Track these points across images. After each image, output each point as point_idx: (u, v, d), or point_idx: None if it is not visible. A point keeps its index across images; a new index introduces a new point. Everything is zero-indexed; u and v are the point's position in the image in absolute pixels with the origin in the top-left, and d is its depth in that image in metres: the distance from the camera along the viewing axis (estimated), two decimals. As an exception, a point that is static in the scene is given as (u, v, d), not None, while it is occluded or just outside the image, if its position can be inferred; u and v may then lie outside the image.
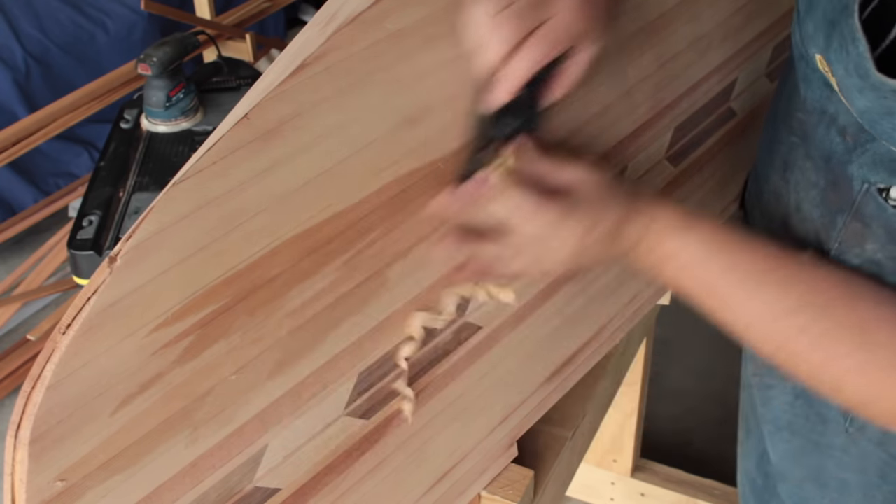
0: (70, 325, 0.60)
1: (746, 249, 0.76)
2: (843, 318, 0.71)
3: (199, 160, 0.65)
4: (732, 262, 0.75)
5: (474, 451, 0.93)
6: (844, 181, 0.76)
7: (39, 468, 0.61)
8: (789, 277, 0.74)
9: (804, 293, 0.73)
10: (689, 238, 0.77)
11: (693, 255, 0.76)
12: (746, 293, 0.75)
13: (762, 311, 0.74)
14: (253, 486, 0.74)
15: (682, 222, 0.77)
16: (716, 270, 0.76)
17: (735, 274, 0.75)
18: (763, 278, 0.74)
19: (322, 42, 0.69)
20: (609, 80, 0.90)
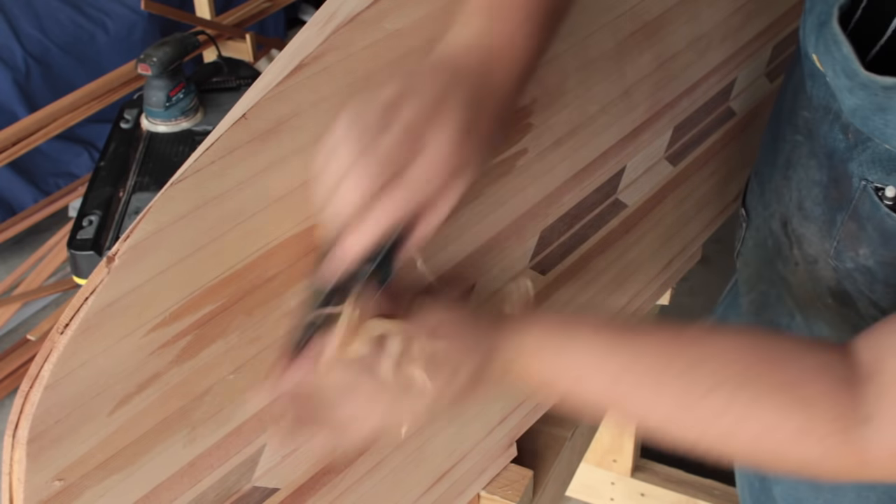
0: (68, 324, 0.60)
1: (635, 347, 0.68)
2: (764, 384, 0.64)
3: (196, 160, 0.65)
4: (624, 365, 0.67)
5: (473, 450, 0.93)
6: (845, 179, 0.76)
7: (37, 468, 0.61)
8: (693, 360, 0.66)
9: (714, 371, 0.65)
10: (568, 355, 0.68)
11: (578, 370, 0.68)
12: (650, 392, 0.67)
13: (673, 405, 0.66)
14: (251, 486, 0.74)
15: (557, 340, 0.69)
16: (608, 379, 0.68)
17: (631, 376, 0.67)
18: (665, 371, 0.66)
19: (320, 42, 0.69)
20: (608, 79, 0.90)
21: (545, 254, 0.92)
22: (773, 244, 0.92)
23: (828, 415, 0.62)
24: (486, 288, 0.87)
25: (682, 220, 1.11)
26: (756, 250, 0.98)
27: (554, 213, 0.90)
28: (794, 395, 0.63)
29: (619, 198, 0.98)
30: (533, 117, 0.84)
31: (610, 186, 0.96)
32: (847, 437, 0.61)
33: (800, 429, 0.62)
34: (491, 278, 0.87)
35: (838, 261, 0.79)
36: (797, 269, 0.89)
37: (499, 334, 0.69)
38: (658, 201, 1.03)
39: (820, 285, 0.86)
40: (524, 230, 0.88)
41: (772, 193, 0.89)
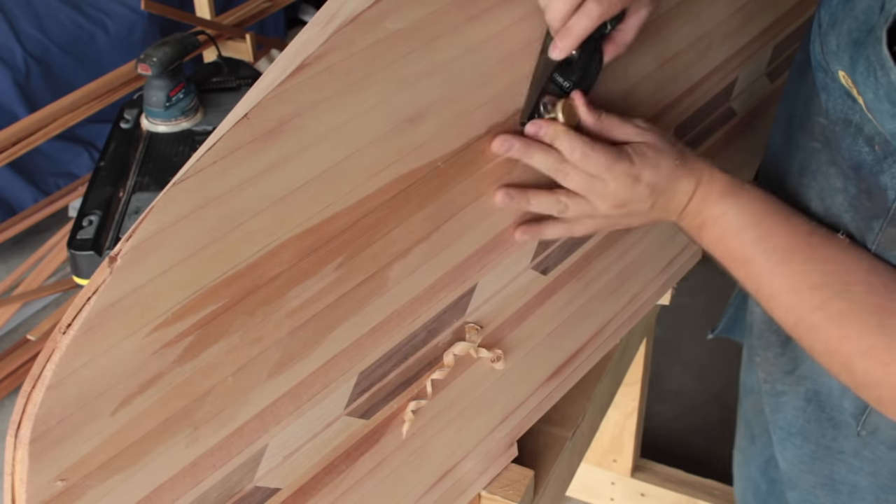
0: (70, 324, 0.60)
1: (781, 223, 0.78)
2: (861, 301, 0.73)
3: (199, 160, 0.65)
4: (765, 233, 0.78)
5: (474, 450, 0.93)
6: (878, 190, 0.76)
7: (40, 468, 0.61)
8: (816, 255, 0.76)
9: (829, 272, 0.75)
10: (729, 205, 0.79)
11: (730, 223, 0.79)
12: (774, 264, 0.77)
13: (786, 283, 0.76)
14: (253, 486, 0.74)
15: (727, 189, 0.80)
16: (748, 239, 0.78)
17: (765, 244, 0.78)
18: (791, 252, 0.76)
19: (322, 42, 0.69)
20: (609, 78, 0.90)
21: (546, 253, 0.92)
22: None
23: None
24: (488, 288, 0.87)
25: (682, 220, 1.11)
26: None
27: (555, 213, 0.90)
28: (879, 319, 0.71)
29: (620, 198, 0.98)
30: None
31: (611, 186, 0.96)
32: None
33: (871, 348, 0.71)
34: (493, 277, 0.87)
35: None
36: None
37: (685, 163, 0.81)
38: (659, 201, 1.03)
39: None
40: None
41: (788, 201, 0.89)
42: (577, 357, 1.02)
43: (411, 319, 0.81)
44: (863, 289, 0.74)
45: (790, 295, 0.76)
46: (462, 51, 0.77)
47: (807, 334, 0.77)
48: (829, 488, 0.92)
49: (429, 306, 0.82)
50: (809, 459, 0.93)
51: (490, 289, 0.87)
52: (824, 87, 0.79)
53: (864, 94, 0.73)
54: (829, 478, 0.92)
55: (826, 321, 0.74)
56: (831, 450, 0.90)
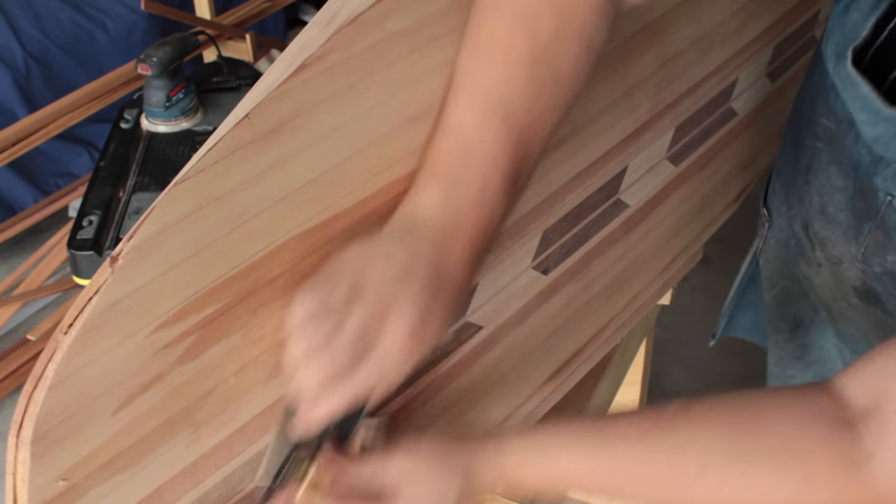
0: (72, 324, 0.60)
1: (615, 447, 0.68)
2: (754, 450, 0.64)
3: (200, 160, 0.65)
4: (612, 467, 0.68)
5: (475, 450, 0.93)
6: (870, 191, 0.76)
7: (41, 468, 0.61)
8: (676, 445, 0.67)
9: (699, 451, 0.65)
10: (554, 470, 0.69)
11: (572, 477, 0.69)
12: (645, 485, 0.68)
13: (670, 492, 0.67)
14: (255, 486, 0.74)
15: (538, 456, 0.69)
16: (602, 480, 0.69)
17: (621, 476, 0.68)
18: (651, 463, 0.67)
19: (323, 42, 0.69)
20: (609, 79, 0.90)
21: (547, 253, 0.92)
22: (796, 245, 0.92)
23: (828, 460, 0.62)
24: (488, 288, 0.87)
25: (683, 219, 1.11)
26: (778, 249, 0.98)
27: (556, 212, 0.90)
28: (788, 452, 0.63)
29: (621, 198, 0.98)
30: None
31: (612, 186, 0.96)
32: (853, 476, 0.61)
33: (804, 482, 0.62)
34: (493, 277, 0.87)
35: (866, 264, 0.79)
36: (820, 269, 0.89)
37: (473, 460, 0.69)
38: (660, 201, 1.03)
39: (844, 285, 0.86)
40: (526, 230, 0.88)
41: (794, 196, 0.89)
42: (577, 357, 1.02)
43: (412, 319, 0.81)
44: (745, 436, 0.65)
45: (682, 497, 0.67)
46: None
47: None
48: None
49: (429, 306, 0.82)
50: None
51: (490, 289, 0.87)
52: (832, 87, 0.79)
53: (847, 102, 0.74)
54: None
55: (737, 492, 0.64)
56: None
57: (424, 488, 0.69)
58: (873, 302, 0.83)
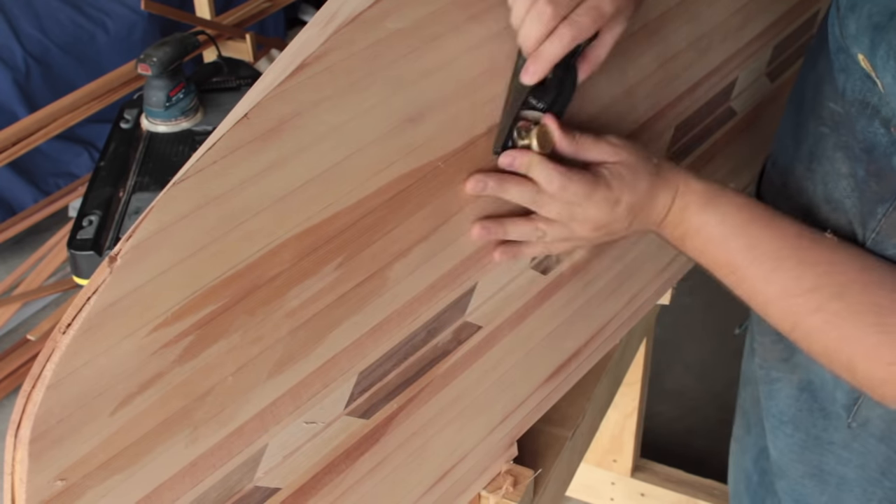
0: (70, 324, 0.60)
1: (767, 228, 0.78)
2: (858, 300, 0.73)
3: (199, 160, 0.65)
4: (752, 241, 0.77)
5: (474, 450, 0.93)
6: (889, 172, 0.77)
7: (39, 467, 0.61)
8: (808, 258, 0.76)
9: (822, 274, 0.75)
10: (711, 215, 0.79)
11: (714, 232, 0.79)
12: (765, 272, 0.77)
13: (780, 289, 0.76)
14: (253, 486, 0.74)
15: (706, 198, 0.79)
16: (735, 249, 0.78)
17: (754, 252, 0.77)
18: (782, 257, 0.76)
19: (322, 42, 0.69)
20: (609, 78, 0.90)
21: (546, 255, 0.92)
22: None
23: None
24: (487, 287, 0.87)
25: (682, 219, 1.11)
26: None
27: (555, 212, 0.90)
28: (877, 318, 0.71)
29: (621, 198, 0.98)
30: (534, 117, 0.84)
31: (611, 186, 0.96)
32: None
33: (873, 349, 0.71)
34: (493, 277, 0.87)
35: (877, 249, 0.81)
36: None
37: (663, 179, 0.80)
38: (659, 201, 1.03)
39: None
40: (525, 230, 0.88)
41: (794, 186, 0.89)
42: (577, 357, 1.02)
43: (411, 319, 0.81)
44: (858, 288, 0.74)
45: (785, 300, 0.76)
46: (462, 50, 0.77)
47: (805, 338, 0.77)
48: (818, 479, 0.93)
49: (429, 306, 0.82)
50: (799, 449, 0.93)
51: (490, 288, 0.87)
52: (844, 68, 0.79)
53: (884, 78, 0.73)
54: (818, 468, 0.92)
55: (824, 324, 0.74)
56: (821, 440, 0.91)
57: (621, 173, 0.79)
58: None
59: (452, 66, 0.77)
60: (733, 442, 1.10)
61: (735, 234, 0.78)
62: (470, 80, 0.78)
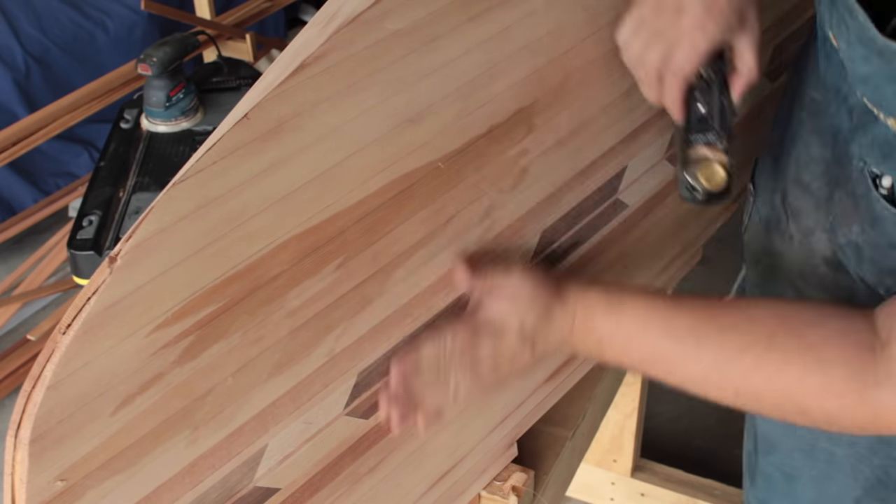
0: (70, 324, 0.60)
1: (676, 309, 0.77)
2: (789, 346, 0.72)
3: (199, 160, 0.65)
4: (667, 324, 0.76)
5: (474, 451, 0.93)
6: (846, 158, 0.78)
7: (39, 468, 0.61)
8: (725, 322, 0.75)
9: (745, 333, 0.74)
10: (618, 317, 0.78)
11: (628, 328, 0.78)
12: (690, 349, 0.75)
13: (711, 361, 0.75)
14: (252, 486, 0.74)
15: (607, 302, 0.79)
16: (654, 337, 0.77)
17: (673, 335, 0.76)
18: (701, 331, 0.75)
19: (322, 42, 0.69)
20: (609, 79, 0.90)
21: (546, 254, 0.92)
22: (773, 218, 0.94)
23: (845, 375, 0.69)
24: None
25: (682, 220, 1.11)
26: (759, 225, 0.99)
27: (554, 213, 0.90)
28: (815, 357, 0.71)
29: (620, 198, 0.98)
30: (535, 117, 0.84)
31: (611, 186, 0.96)
32: (862, 397, 0.68)
33: (820, 387, 0.70)
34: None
35: (832, 234, 0.83)
36: (792, 242, 0.93)
37: (559, 298, 0.79)
38: (659, 201, 1.03)
39: (814, 256, 0.89)
40: (525, 230, 0.88)
41: (778, 169, 0.92)
42: (577, 357, 1.02)
43: (411, 319, 0.81)
44: (784, 334, 0.73)
45: (719, 370, 0.75)
46: (462, 51, 0.77)
47: (752, 399, 0.76)
48: (807, 454, 0.93)
49: (428, 306, 0.82)
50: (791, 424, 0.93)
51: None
52: (827, 55, 0.81)
53: (841, 47, 0.75)
54: (809, 444, 0.93)
55: (766, 380, 0.73)
56: None
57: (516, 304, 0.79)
58: (840, 270, 0.86)
59: (452, 67, 0.77)
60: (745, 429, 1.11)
61: (648, 324, 0.77)
62: (469, 80, 0.78)
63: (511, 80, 0.81)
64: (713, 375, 0.75)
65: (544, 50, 0.84)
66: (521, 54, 0.81)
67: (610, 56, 0.88)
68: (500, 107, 0.81)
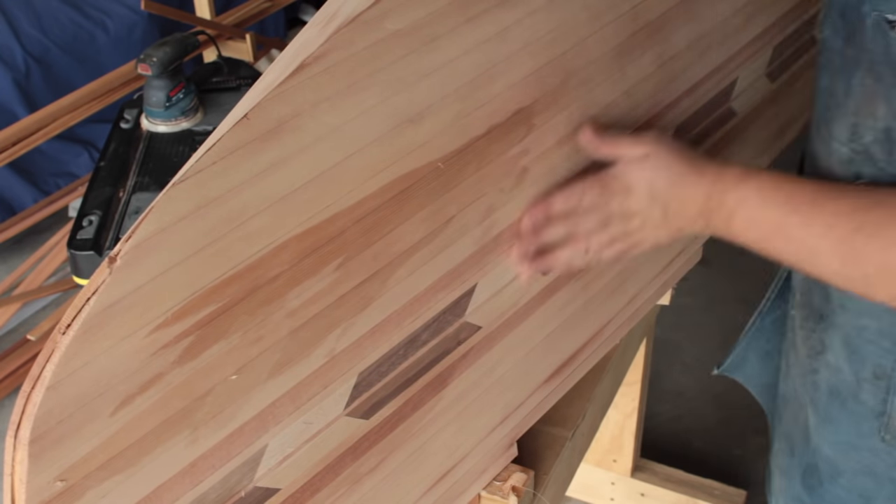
0: (70, 325, 0.60)
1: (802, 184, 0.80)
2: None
3: (198, 160, 0.65)
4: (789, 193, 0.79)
5: (474, 451, 0.93)
6: (858, 24, 0.78)
7: (39, 468, 0.61)
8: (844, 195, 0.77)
9: (859, 196, 0.76)
10: (748, 188, 0.80)
11: (755, 201, 0.80)
12: (805, 218, 0.78)
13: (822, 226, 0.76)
14: (253, 487, 0.74)
15: (740, 174, 0.82)
16: (776, 205, 0.79)
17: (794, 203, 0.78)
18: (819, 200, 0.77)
19: (322, 42, 0.69)
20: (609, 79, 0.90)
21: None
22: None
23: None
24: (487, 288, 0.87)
25: (682, 220, 1.11)
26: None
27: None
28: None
29: (620, 198, 0.98)
30: (535, 117, 0.84)
31: (611, 186, 0.96)
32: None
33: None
34: (493, 277, 0.87)
35: (856, 142, 0.82)
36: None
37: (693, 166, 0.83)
38: (659, 201, 1.03)
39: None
40: (525, 230, 0.88)
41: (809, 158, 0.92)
42: (577, 357, 1.02)
43: (411, 320, 0.81)
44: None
45: (829, 235, 0.77)
46: (461, 51, 0.77)
47: (856, 263, 0.76)
48: (872, 477, 0.91)
49: (428, 306, 0.82)
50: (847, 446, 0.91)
51: (490, 289, 0.87)
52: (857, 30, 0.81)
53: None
54: (870, 468, 0.91)
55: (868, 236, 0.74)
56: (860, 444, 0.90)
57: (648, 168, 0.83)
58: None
59: (452, 67, 0.77)
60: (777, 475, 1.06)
61: (773, 195, 0.79)
62: (469, 80, 0.78)
63: (511, 81, 0.81)
64: (824, 243, 0.77)
65: (544, 50, 0.84)
66: (521, 54, 0.81)
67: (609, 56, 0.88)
68: (499, 107, 0.81)
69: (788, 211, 0.79)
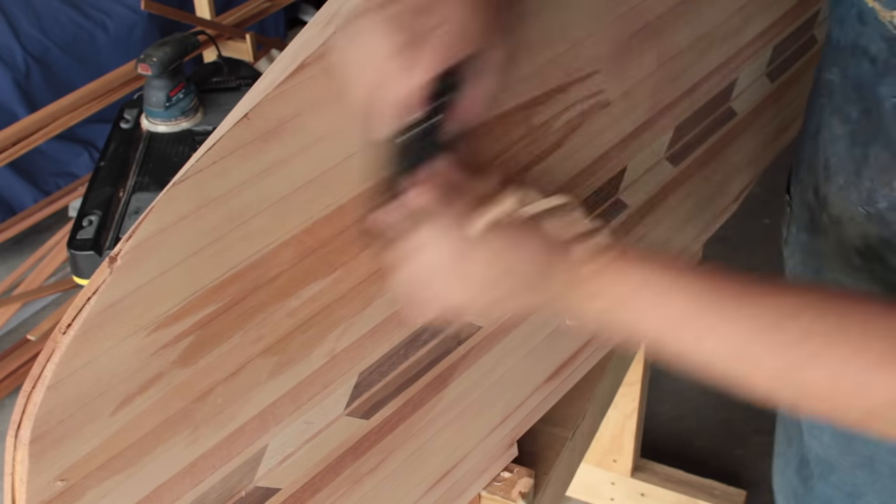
0: (70, 324, 0.60)
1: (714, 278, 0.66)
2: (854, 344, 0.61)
3: (199, 160, 0.65)
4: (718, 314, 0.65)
5: (474, 451, 0.93)
6: (875, 105, 0.77)
7: (40, 468, 0.61)
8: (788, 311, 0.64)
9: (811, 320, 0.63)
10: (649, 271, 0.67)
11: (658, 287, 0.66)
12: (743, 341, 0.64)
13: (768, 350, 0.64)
14: (253, 486, 0.74)
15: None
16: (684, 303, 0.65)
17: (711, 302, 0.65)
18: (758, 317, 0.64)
19: (322, 42, 0.69)
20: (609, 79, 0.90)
21: (546, 254, 0.92)
22: (809, 216, 0.93)
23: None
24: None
25: (682, 220, 1.11)
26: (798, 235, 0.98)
27: (555, 213, 0.90)
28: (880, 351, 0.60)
29: (620, 198, 0.98)
30: (534, 117, 0.84)
31: (611, 187, 0.96)
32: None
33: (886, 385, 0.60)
34: (492, 278, 0.87)
35: (870, 205, 0.78)
36: (827, 237, 0.89)
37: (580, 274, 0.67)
38: (659, 201, 1.03)
39: (845, 246, 0.85)
40: (525, 230, 0.88)
41: (806, 166, 0.91)
42: (577, 357, 1.02)
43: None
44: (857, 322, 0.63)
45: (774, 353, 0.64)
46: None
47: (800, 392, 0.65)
48: (869, 469, 0.91)
49: (429, 306, 0.82)
50: (846, 440, 0.92)
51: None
52: (839, 19, 0.81)
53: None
54: (869, 458, 0.91)
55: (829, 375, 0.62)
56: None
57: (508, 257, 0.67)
58: (874, 259, 0.83)
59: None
60: (776, 458, 1.07)
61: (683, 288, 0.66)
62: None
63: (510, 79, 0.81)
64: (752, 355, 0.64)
65: (545, 49, 0.84)
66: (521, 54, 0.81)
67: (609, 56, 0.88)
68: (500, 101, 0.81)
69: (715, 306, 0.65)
